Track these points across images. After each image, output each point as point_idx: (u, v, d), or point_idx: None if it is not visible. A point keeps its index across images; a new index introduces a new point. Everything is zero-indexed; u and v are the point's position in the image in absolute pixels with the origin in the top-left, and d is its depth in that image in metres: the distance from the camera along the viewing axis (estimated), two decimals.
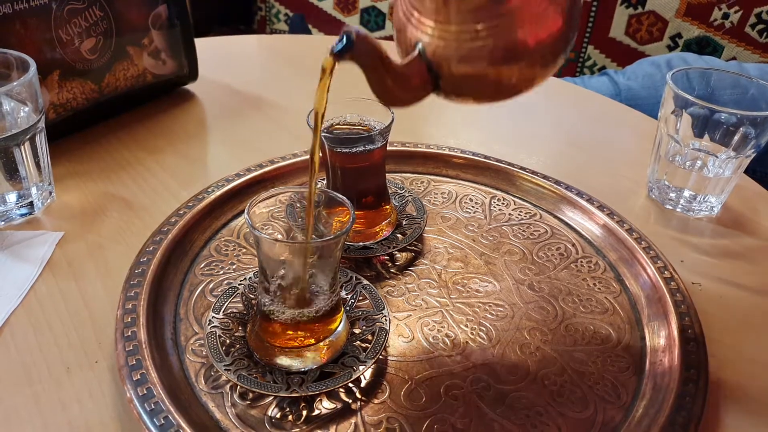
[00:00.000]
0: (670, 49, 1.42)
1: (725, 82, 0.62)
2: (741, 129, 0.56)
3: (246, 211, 0.39)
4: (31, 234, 0.53)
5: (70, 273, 0.50)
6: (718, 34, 1.36)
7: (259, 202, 0.40)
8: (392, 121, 0.50)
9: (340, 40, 0.35)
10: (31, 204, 0.55)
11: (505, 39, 0.35)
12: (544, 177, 0.61)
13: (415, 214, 0.56)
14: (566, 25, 0.36)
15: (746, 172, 0.62)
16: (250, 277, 0.48)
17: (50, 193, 0.57)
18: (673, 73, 0.59)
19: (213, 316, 0.44)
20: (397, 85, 0.37)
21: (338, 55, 0.35)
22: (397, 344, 0.44)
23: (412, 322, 0.46)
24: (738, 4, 1.31)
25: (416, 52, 0.37)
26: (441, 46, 0.36)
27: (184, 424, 0.36)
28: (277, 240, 0.38)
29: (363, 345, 0.43)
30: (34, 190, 0.55)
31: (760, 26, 1.31)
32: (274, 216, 0.53)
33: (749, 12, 1.31)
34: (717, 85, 0.62)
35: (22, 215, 0.55)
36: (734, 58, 1.36)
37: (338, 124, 0.52)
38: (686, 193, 0.61)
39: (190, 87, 0.79)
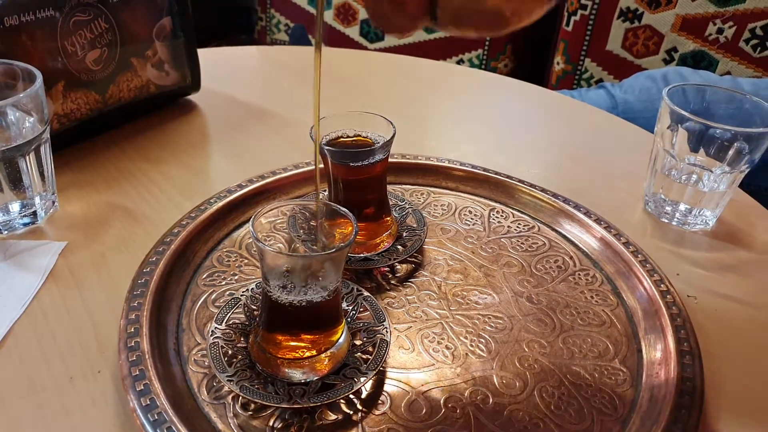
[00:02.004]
0: (666, 62, 1.43)
1: (720, 97, 0.63)
2: (735, 144, 0.57)
3: (251, 222, 0.40)
4: (35, 243, 0.54)
5: (73, 283, 0.50)
6: (713, 48, 1.37)
7: (264, 214, 0.41)
8: (394, 134, 0.50)
9: None
10: (34, 213, 0.56)
11: None
12: (542, 190, 0.62)
13: (415, 225, 0.57)
14: None
15: (741, 185, 0.63)
16: (252, 288, 0.48)
17: (53, 202, 0.58)
18: (669, 89, 0.60)
19: (215, 327, 0.45)
20: (395, 11, 0.37)
21: None
22: (397, 356, 0.45)
23: (413, 334, 0.47)
24: (732, 20, 1.33)
25: None
26: None
27: None
28: (281, 252, 0.38)
29: (364, 356, 0.43)
30: (37, 200, 0.56)
31: (754, 41, 1.33)
32: (277, 227, 0.53)
33: (743, 27, 1.32)
34: (712, 100, 0.63)
35: (25, 225, 0.55)
36: (729, 73, 1.37)
37: (341, 137, 0.52)
38: (682, 207, 0.62)
39: (193, 98, 0.79)
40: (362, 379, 0.41)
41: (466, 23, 0.39)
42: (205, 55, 0.78)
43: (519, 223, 0.60)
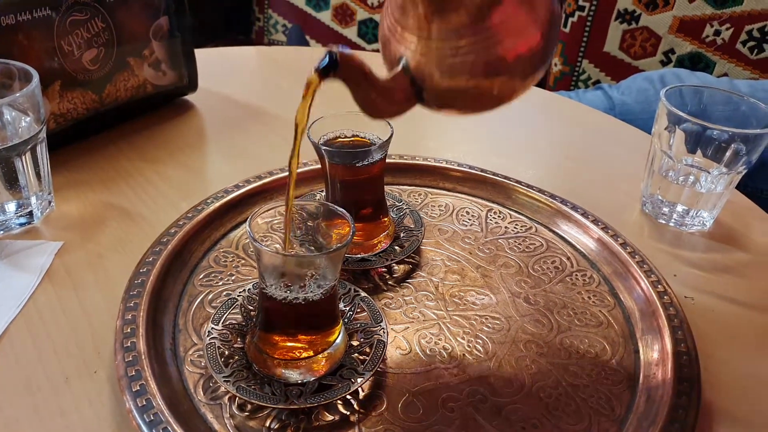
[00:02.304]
0: (664, 64, 1.43)
1: (717, 98, 0.63)
2: (732, 145, 0.57)
3: (247, 223, 0.40)
4: (31, 243, 0.53)
5: (69, 283, 0.50)
6: (710, 50, 1.37)
7: (261, 214, 0.41)
8: (391, 135, 0.50)
9: (324, 59, 0.36)
10: (30, 213, 0.56)
11: (485, 54, 0.36)
12: (540, 191, 0.62)
13: (412, 226, 0.57)
14: (544, 39, 0.37)
15: (738, 187, 0.63)
16: (248, 289, 0.48)
17: (50, 202, 0.58)
18: (666, 90, 0.60)
19: (212, 327, 0.44)
20: (382, 99, 0.38)
21: (322, 74, 0.36)
22: (394, 356, 0.45)
23: (410, 335, 0.47)
24: (729, 22, 1.33)
25: (400, 66, 0.38)
26: (423, 61, 0.37)
27: None
28: (278, 252, 0.38)
29: (361, 357, 0.43)
30: (33, 200, 0.56)
31: (751, 43, 1.33)
32: (273, 228, 0.53)
33: (740, 29, 1.33)
34: (709, 101, 0.63)
35: (21, 225, 0.55)
36: (726, 74, 1.37)
37: (338, 137, 0.52)
38: (679, 208, 0.62)
39: (190, 98, 0.79)
40: (359, 380, 0.41)
41: (451, 105, 0.40)
42: (202, 55, 0.78)
43: (516, 224, 0.60)
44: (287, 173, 0.39)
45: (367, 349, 0.44)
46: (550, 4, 0.38)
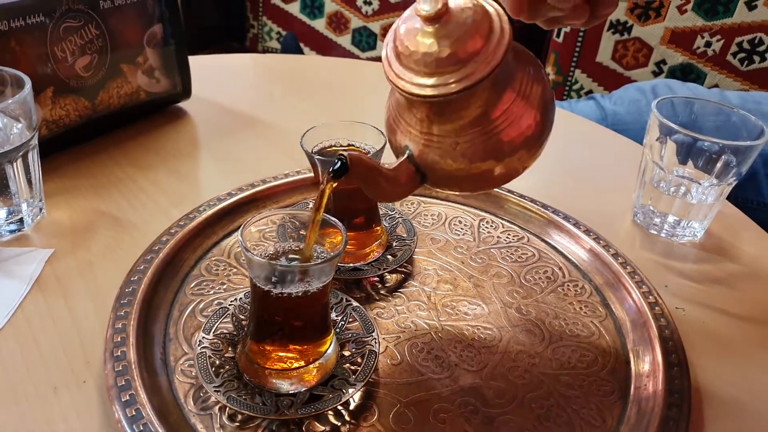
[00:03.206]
0: (655, 74, 1.44)
1: (708, 110, 0.63)
2: (723, 157, 0.57)
3: (240, 231, 0.39)
4: (21, 251, 0.53)
5: (59, 291, 0.50)
6: (701, 61, 1.38)
7: (253, 223, 0.41)
8: (385, 144, 0.50)
9: (336, 164, 0.38)
10: (21, 220, 0.55)
11: (484, 147, 0.39)
12: (532, 200, 0.62)
13: (405, 235, 0.57)
14: (540, 126, 0.40)
15: (728, 198, 0.63)
16: (240, 298, 0.48)
17: (40, 209, 0.57)
18: (658, 102, 0.61)
19: (203, 337, 0.44)
20: (390, 186, 0.41)
21: (335, 177, 0.38)
22: (386, 367, 0.45)
23: (402, 345, 0.47)
24: (720, 33, 1.34)
25: (405, 156, 0.41)
26: (426, 152, 0.40)
27: None
28: (270, 262, 0.38)
29: (352, 367, 0.43)
30: (24, 207, 0.55)
31: (741, 55, 1.34)
32: (266, 236, 0.53)
33: (731, 41, 1.34)
34: (700, 113, 0.63)
35: (11, 231, 0.55)
36: (717, 85, 1.38)
37: (331, 146, 0.52)
38: (670, 219, 0.62)
39: (183, 105, 0.79)
40: (351, 391, 0.41)
41: (454, 187, 0.43)
42: (195, 62, 0.78)
43: (509, 234, 0.60)
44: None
45: (359, 360, 0.43)
46: (542, 91, 0.40)
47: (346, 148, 0.53)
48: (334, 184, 0.39)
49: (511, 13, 0.41)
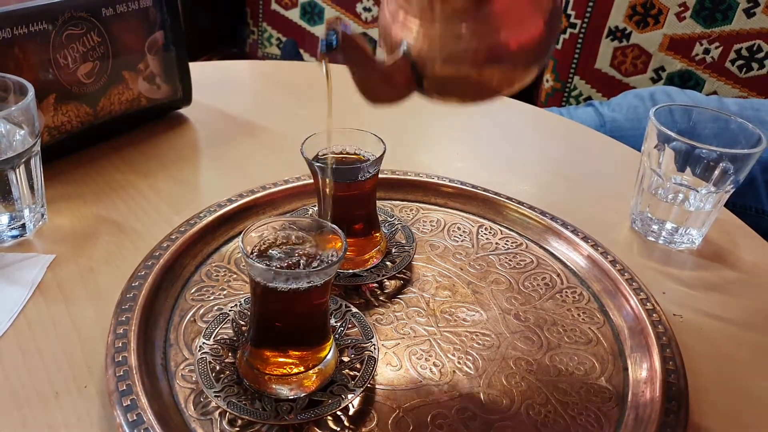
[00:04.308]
0: (654, 81, 1.45)
1: (706, 117, 0.63)
2: (721, 164, 0.58)
3: (240, 238, 0.40)
4: (23, 256, 0.53)
5: (60, 296, 0.50)
6: (700, 68, 1.39)
7: (254, 229, 0.41)
8: (384, 152, 0.51)
9: (326, 39, 0.36)
10: (23, 226, 0.56)
11: (487, 41, 0.36)
12: (531, 207, 0.62)
13: (404, 241, 0.57)
14: (547, 29, 0.38)
15: (726, 205, 0.64)
16: (240, 303, 0.48)
17: (42, 215, 0.58)
18: (656, 109, 0.61)
19: (203, 342, 0.45)
20: (382, 83, 0.39)
21: (326, 52, 0.37)
22: (385, 373, 0.45)
23: (401, 351, 0.47)
24: (719, 40, 1.35)
25: (401, 51, 0.38)
26: (426, 46, 0.37)
27: None
28: (270, 268, 0.38)
29: (352, 373, 0.43)
30: (26, 213, 0.56)
31: (740, 62, 1.35)
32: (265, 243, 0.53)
33: (729, 48, 1.35)
34: (698, 120, 0.64)
35: (13, 237, 0.55)
36: (715, 92, 1.39)
37: (331, 153, 0.53)
38: (668, 226, 0.63)
39: (184, 111, 0.79)
40: (350, 396, 0.41)
41: (452, 93, 0.40)
42: (196, 68, 0.79)
43: (507, 240, 0.60)
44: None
45: (358, 365, 0.44)
46: None
47: (346, 155, 0.53)
48: (327, 59, 0.38)
49: None
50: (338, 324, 0.47)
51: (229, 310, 0.47)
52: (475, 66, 0.37)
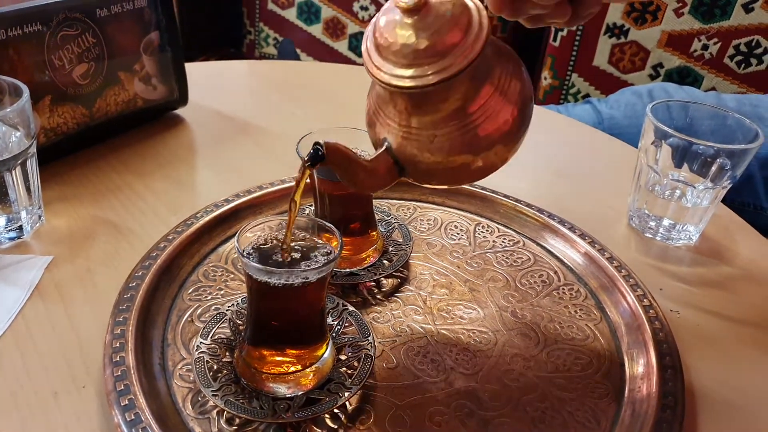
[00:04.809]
0: (652, 78, 1.45)
1: (704, 113, 0.63)
2: (718, 160, 0.58)
3: (236, 238, 0.40)
4: (20, 258, 0.54)
5: (58, 297, 0.50)
6: (698, 64, 1.39)
7: (250, 229, 0.41)
8: None
9: (312, 153, 0.39)
10: (20, 228, 0.56)
11: (461, 141, 0.39)
12: (527, 205, 0.62)
13: (401, 240, 0.57)
14: (519, 122, 0.40)
15: (723, 201, 0.64)
16: (237, 303, 0.48)
17: (39, 216, 0.58)
18: (653, 106, 0.61)
19: (201, 342, 0.45)
20: (367, 177, 0.41)
21: (311, 165, 0.39)
22: (382, 370, 0.45)
23: (398, 349, 0.47)
24: (717, 36, 1.35)
25: (383, 147, 0.41)
26: (404, 144, 0.40)
27: None
28: (267, 268, 0.38)
29: (349, 371, 0.43)
30: (23, 214, 0.56)
31: (738, 57, 1.35)
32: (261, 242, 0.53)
33: (728, 44, 1.34)
34: (696, 116, 0.64)
35: (11, 239, 0.55)
36: (714, 88, 1.39)
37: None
38: (666, 222, 0.63)
39: (180, 112, 0.79)
40: (347, 394, 0.41)
41: (433, 180, 0.43)
42: (192, 69, 0.79)
43: (504, 238, 0.60)
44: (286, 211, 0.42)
45: (355, 363, 0.44)
46: (521, 88, 0.40)
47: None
48: (312, 172, 0.40)
49: (492, 9, 0.42)
50: (335, 322, 0.47)
51: (226, 310, 0.47)
52: (450, 160, 0.40)
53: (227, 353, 0.44)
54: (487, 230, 0.61)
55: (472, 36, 0.37)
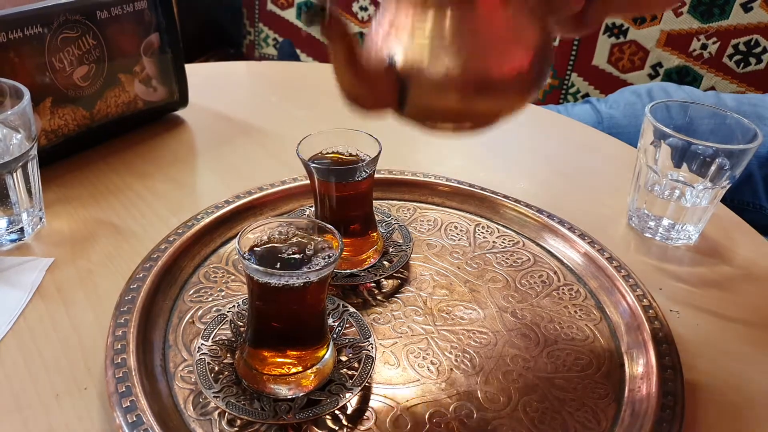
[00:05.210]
0: (651, 77, 1.45)
1: (703, 113, 0.64)
2: (717, 160, 0.58)
3: (237, 239, 0.40)
4: (21, 260, 0.54)
5: (59, 299, 0.50)
6: (697, 64, 1.39)
7: (251, 230, 0.41)
8: (379, 152, 0.51)
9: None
10: (21, 230, 0.56)
11: (474, 63, 0.36)
12: (527, 205, 0.63)
13: (401, 241, 0.58)
14: (533, 65, 0.37)
15: (723, 201, 0.64)
16: (238, 304, 0.48)
17: (40, 219, 0.58)
18: (652, 106, 0.61)
19: (202, 343, 0.45)
20: (362, 81, 0.37)
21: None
22: (383, 371, 0.45)
23: (398, 350, 0.47)
24: (716, 36, 1.35)
25: (388, 60, 0.37)
26: (418, 50, 0.36)
27: None
28: (267, 270, 0.39)
29: (349, 372, 0.43)
30: (24, 216, 0.56)
31: (737, 57, 1.35)
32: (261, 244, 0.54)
33: (727, 43, 1.35)
34: (695, 116, 0.64)
35: (12, 241, 0.55)
36: (713, 88, 1.39)
37: (327, 153, 0.53)
38: (665, 222, 0.63)
39: (181, 113, 0.80)
40: (348, 395, 0.42)
41: (431, 120, 0.39)
42: (192, 70, 0.79)
43: (504, 239, 0.60)
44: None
45: (356, 365, 0.44)
46: (541, 29, 0.38)
47: (342, 155, 0.53)
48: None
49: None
50: (336, 324, 0.47)
51: (228, 311, 0.48)
52: (460, 89, 0.36)
53: (228, 355, 0.44)
54: (486, 231, 0.61)
55: None
